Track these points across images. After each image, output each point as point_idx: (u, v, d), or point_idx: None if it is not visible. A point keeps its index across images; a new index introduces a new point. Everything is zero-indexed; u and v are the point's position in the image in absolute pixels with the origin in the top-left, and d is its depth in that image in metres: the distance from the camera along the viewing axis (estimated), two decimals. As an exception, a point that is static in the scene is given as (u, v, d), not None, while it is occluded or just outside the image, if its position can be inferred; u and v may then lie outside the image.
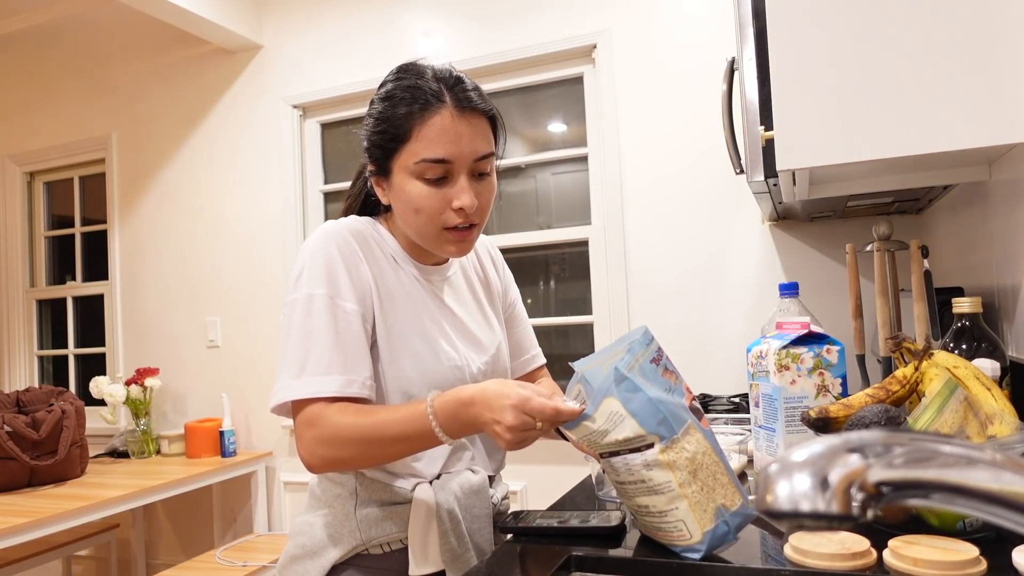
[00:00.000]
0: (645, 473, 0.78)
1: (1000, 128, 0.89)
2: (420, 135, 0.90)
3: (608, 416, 0.78)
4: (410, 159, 0.91)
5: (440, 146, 0.90)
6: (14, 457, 2.41)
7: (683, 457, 0.77)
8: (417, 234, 0.96)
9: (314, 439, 0.89)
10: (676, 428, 0.77)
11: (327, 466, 0.90)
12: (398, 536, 0.97)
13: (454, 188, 0.92)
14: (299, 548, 0.99)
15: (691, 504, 0.77)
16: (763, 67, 1.33)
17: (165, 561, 3.24)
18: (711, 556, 0.78)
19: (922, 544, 0.72)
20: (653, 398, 0.77)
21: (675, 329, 2.48)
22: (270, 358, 3.08)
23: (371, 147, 0.96)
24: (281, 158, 3.09)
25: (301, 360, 0.90)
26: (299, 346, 0.91)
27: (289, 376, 0.91)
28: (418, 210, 0.92)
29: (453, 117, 0.90)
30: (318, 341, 0.91)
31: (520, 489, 2.62)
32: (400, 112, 0.91)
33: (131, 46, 3.42)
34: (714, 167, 2.44)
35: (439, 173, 0.91)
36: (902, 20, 0.93)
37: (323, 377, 0.90)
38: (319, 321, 0.91)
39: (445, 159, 0.90)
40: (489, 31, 2.76)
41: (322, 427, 0.88)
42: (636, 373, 0.78)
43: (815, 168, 1.00)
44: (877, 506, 0.35)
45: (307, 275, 0.93)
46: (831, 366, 1.04)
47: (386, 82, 0.97)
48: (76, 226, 3.62)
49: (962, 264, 1.65)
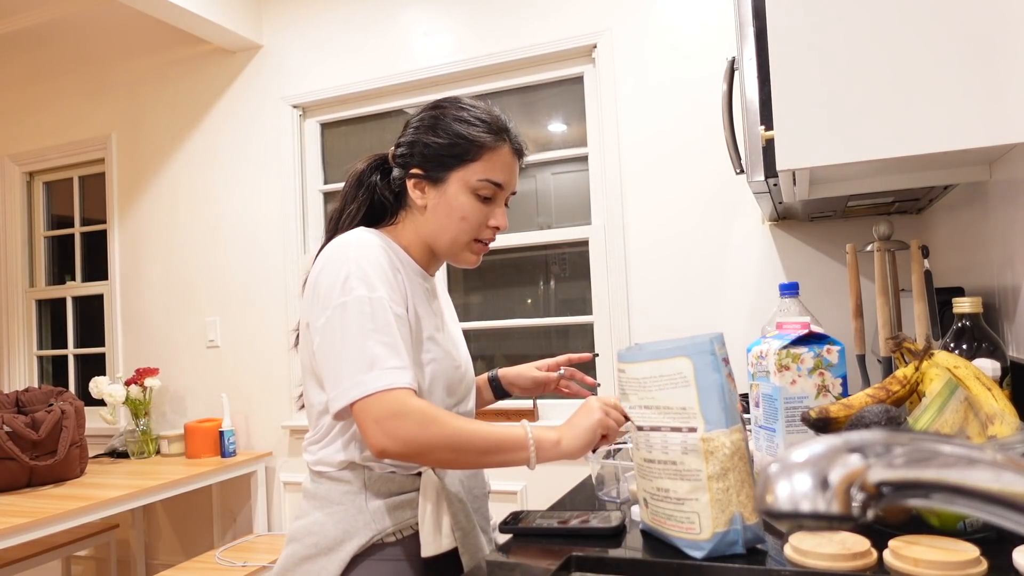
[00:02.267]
0: (680, 455, 0.79)
1: (1000, 128, 0.89)
2: (488, 159, 1.06)
3: (673, 372, 0.78)
4: (473, 176, 1.05)
5: (501, 174, 1.07)
6: (13, 457, 2.41)
7: (721, 453, 0.77)
8: (451, 239, 1.07)
9: (401, 427, 0.90)
10: (729, 423, 0.78)
11: (406, 453, 0.91)
12: (409, 522, 1.03)
13: (495, 210, 1.09)
14: (311, 548, 1.01)
15: (712, 499, 0.77)
16: (763, 67, 1.33)
17: (165, 561, 3.24)
18: (710, 556, 0.78)
19: (922, 544, 0.72)
20: (724, 385, 0.77)
21: (675, 329, 2.48)
22: (270, 358, 3.08)
23: (433, 155, 1.06)
24: (281, 158, 3.09)
25: (369, 356, 0.93)
26: (361, 344, 0.93)
27: (358, 373, 0.92)
28: (464, 218, 1.06)
29: (511, 154, 1.09)
30: (383, 338, 0.94)
31: (520, 489, 2.62)
32: (477, 135, 1.06)
33: (131, 46, 3.42)
34: (714, 167, 2.44)
35: (490, 193, 1.07)
36: (902, 20, 0.93)
37: (396, 371, 0.93)
38: (381, 321, 0.95)
39: (501, 184, 1.08)
40: (489, 31, 2.76)
41: (412, 416, 0.90)
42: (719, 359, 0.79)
43: (815, 168, 1.00)
44: (877, 506, 0.35)
45: (356, 279, 0.96)
46: (831, 366, 1.04)
47: (455, 106, 1.08)
48: (76, 226, 3.62)
49: (962, 264, 1.65)
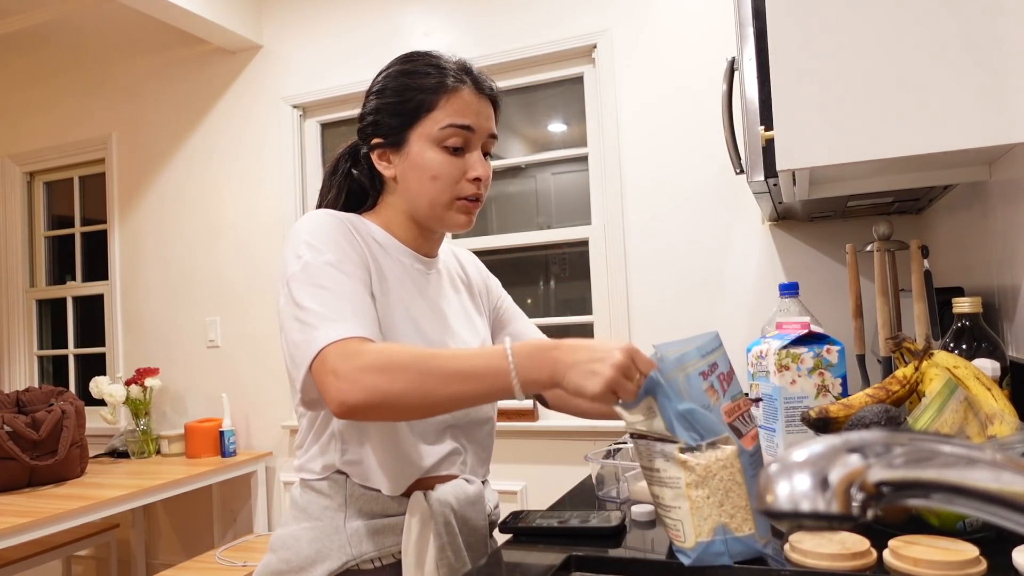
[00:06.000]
0: (661, 463, 0.78)
1: (1000, 128, 0.89)
2: (446, 105, 0.95)
3: (644, 407, 0.78)
4: (434, 126, 0.95)
5: (466, 116, 0.95)
6: (14, 457, 2.41)
7: (700, 463, 0.76)
8: (429, 203, 0.97)
9: (359, 368, 0.78)
10: (706, 436, 0.76)
11: (369, 398, 0.77)
12: (390, 551, 0.93)
13: (470, 160, 0.97)
14: (283, 563, 0.94)
15: (692, 507, 0.77)
16: (763, 67, 1.33)
17: (165, 561, 3.24)
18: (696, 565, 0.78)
19: (922, 544, 0.72)
20: (681, 410, 0.76)
21: (675, 329, 2.48)
22: (270, 358, 3.08)
23: (386, 117, 0.97)
24: (281, 158, 3.09)
25: (318, 314, 0.83)
26: (309, 306, 0.84)
27: (311, 330, 0.82)
28: (435, 177, 0.95)
29: (473, 94, 0.97)
30: (332, 296, 0.85)
31: (520, 489, 2.62)
32: (428, 83, 0.95)
33: (131, 46, 3.42)
34: (714, 167, 2.44)
35: (460, 142, 0.95)
36: (902, 20, 0.93)
37: (352, 321, 0.83)
38: (333, 281, 0.86)
39: (470, 127, 0.96)
40: (489, 31, 2.76)
41: (369, 355, 0.79)
42: (681, 380, 0.77)
43: (815, 168, 1.00)
44: (877, 506, 0.35)
45: (306, 248, 0.89)
46: (831, 366, 1.04)
47: (402, 61, 1.00)
48: (76, 226, 3.62)
49: (962, 264, 1.65)
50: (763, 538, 0.77)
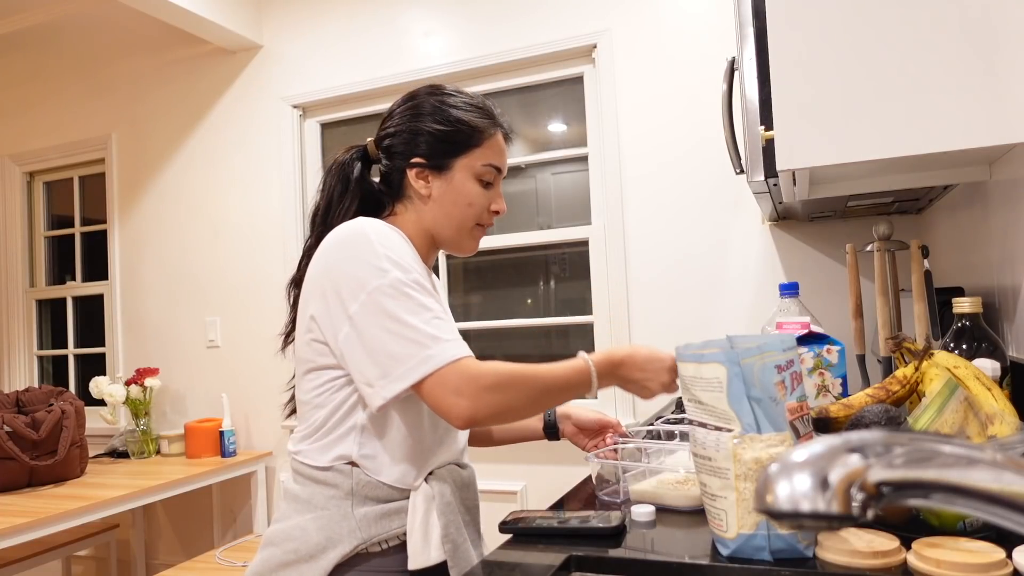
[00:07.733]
0: (713, 452, 0.80)
1: (1000, 128, 0.89)
2: (488, 145, 1.09)
3: (711, 377, 0.80)
4: (477, 161, 1.08)
5: (500, 159, 1.11)
6: (14, 457, 2.41)
7: (750, 456, 0.77)
8: (458, 226, 1.09)
9: (482, 388, 0.91)
10: (764, 429, 0.77)
11: (493, 414, 0.92)
12: (396, 532, 0.99)
13: (495, 194, 1.12)
14: (291, 553, 0.97)
15: (739, 499, 0.78)
16: (763, 67, 1.33)
17: (165, 561, 3.24)
18: (735, 557, 0.78)
19: (946, 547, 0.71)
20: (752, 396, 0.78)
21: (675, 329, 2.48)
22: (270, 358, 3.07)
23: (433, 141, 1.06)
24: (281, 158, 3.09)
25: (428, 333, 0.92)
26: (415, 322, 0.93)
27: (421, 349, 0.91)
28: (471, 204, 1.08)
29: (504, 140, 1.13)
30: (434, 315, 0.95)
31: (520, 489, 2.62)
32: (477, 122, 1.08)
33: (131, 46, 3.42)
34: (714, 167, 2.44)
35: (491, 179, 1.10)
36: (902, 20, 0.93)
37: (458, 341, 0.95)
38: (426, 300, 0.95)
39: (501, 168, 1.11)
40: (489, 31, 2.76)
41: (487, 376, 0.92)
42: (757, 367, 0.79)
43: (815, 168, 1.00)
44: (877, 506, 0.35)
45: (387, 262, 0.96)
46: (831, 366, 1.04)
47: (438, 92, 1.10)
48: (76, 226, 3.61)
49: (962, 264, 1.65)
50: (805, 539, 0.77)
